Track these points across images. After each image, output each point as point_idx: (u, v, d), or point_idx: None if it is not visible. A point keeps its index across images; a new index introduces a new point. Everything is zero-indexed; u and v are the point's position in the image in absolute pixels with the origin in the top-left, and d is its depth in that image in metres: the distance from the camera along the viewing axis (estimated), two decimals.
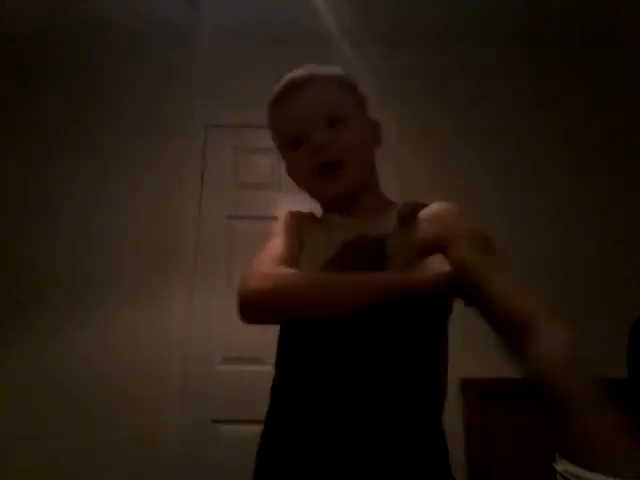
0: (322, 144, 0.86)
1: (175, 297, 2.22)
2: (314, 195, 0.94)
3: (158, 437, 2.01)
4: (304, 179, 0.92)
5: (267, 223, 1.07)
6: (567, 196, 2.38)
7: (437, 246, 0.82)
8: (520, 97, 2.54)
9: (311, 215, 0.99)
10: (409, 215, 0.86)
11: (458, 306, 0.93)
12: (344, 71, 0.96)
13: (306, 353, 0.78)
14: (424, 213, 0.87)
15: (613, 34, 2.52)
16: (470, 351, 2.13)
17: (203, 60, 2.55)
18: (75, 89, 2.60)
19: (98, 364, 2.13)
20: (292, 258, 0.86)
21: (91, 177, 2.44)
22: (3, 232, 2.35)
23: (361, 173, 0.91)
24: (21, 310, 2.22)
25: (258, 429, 0.85)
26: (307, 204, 1.04)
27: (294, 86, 0.91)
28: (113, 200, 2.40)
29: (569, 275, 2.25)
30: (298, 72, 0.93)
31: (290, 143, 0.91)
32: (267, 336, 2.35)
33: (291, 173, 0.96)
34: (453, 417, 2.04)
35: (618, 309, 2.10)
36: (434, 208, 0.88)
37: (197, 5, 2.39)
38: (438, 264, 0.81)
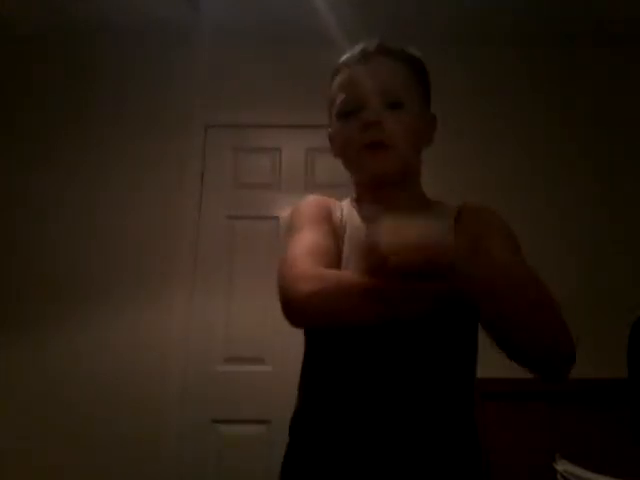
0: (375, 121, 0.82)
1: (175, 297, 2.22)
2: (355, 168, 0.89)
3: (158, 437, 2.01)
4: (348, 150, 0.87)
5: (267, 223, 1.06)
6: (567, 195, 2.38)
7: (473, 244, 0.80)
8: (520, 97, 2.54)
9: (345, 205, 0.92)
10: (459, 216, 0.87)
11: None
12: (422, 57, 0.94)
13: (351, 356, 0.77)
14: (472, 216, 0.89)
15: (613, 34, 2.52)
16: None
17: (203, 60, 2.55)
18: (75, 89, 2.60)
19: (98, 364, 2.13)
20: (330, 253, 0.80)
21: (91, 177, 2.44)
22: (3, 232, 2.35)
23: (405, 165, 0.87)
24: (21, 310, 2.22)
25: (258, 429, 0.86)
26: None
27: (364, 55, 0.88)
28: (113, 200, 2.40)
29: (569, 275, 2.25)
30: (374, 41, 0.89)
31: (344, 112, 0.87)
32: (267, 336, 2.36)
33: (335, 141, 0.91)
34: None
35: (618, 309, 2.10)
36: (472, 209, 0.90)
37: (197, 5, 2.39)
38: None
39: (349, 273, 0.75)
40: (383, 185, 0.87)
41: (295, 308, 0.73)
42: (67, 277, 2.27)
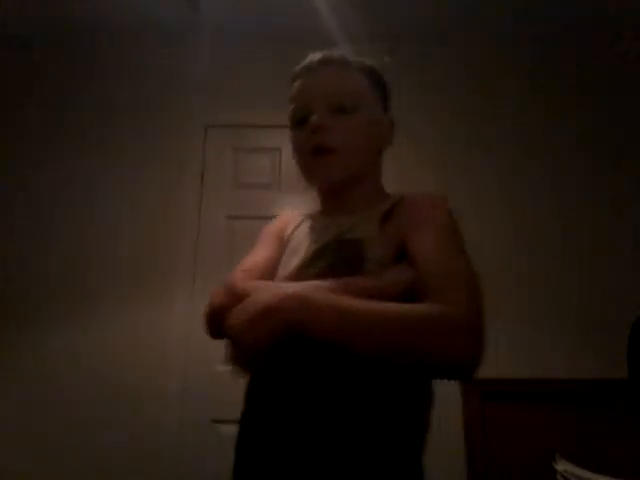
0: (319, 125, 0.83)
1: (175, 297, 2.22)
2: (307, 177, 0.91)
3: (158, 437, 2.01)
4: (299, 158, 0.89)
5: (267, 223, 1.06)
6: (567, 195, 2.38)
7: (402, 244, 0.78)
8: (520, 97, 2.54)
9: (300, 218, 0.97)
10: (390, 211, 0.84)
11: None
12: (375, 64, 0.96)
13: (274, 365, 0.78)
14: (407, 206, 0.85)
15: (613, 35, 2.52)
16: None
17: (203, 60, 2.55)
18: (75, 89, 2.60)
19: (98, 364, 2.13)
20: (266, 268, 0.86)
21: (91, 177, 2.44)
22: (3, 232, 2.36)
23: (354, 167, 0.87)
24: (21, 310, 2.22)
25: None
26: (307, 203, 1.03)
27: (312, 65, 0.91)
28: (113, 200, 2.40)
29: (569, 275, 2.25)
30: (322, 53, 0.92)
31: (296, 120, 0.89)
32: None
33: (293, 151, 0.93)
34: (453, 417, 2.04)
35: (618, 309, 2.10)
36: (409, 203, 0.86)
37: (197, 5, 2.39)
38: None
39: (259, 283, 0.80)
40: (332, 189, 0.90)
41: (206, 320, 0.83)
42: (67, 277, 2.27)
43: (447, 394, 2.08)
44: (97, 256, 2.30)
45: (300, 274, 0.80)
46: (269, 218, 1.07)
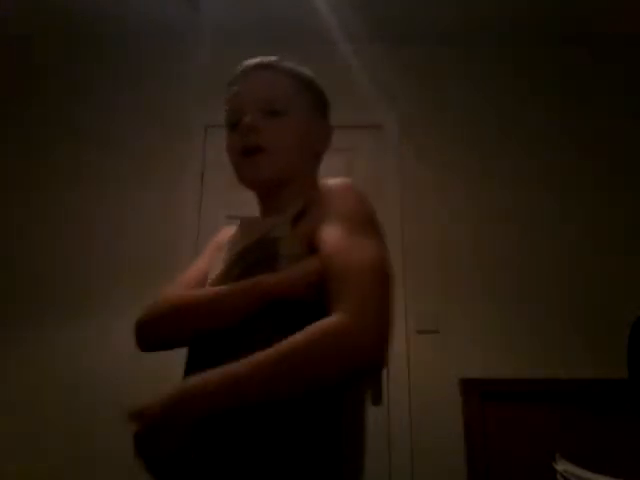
0: (248, 126, 0.84)
1: None
2: (238, 177, 0.91)
3: None
4: (231, 159, 0.90)
5: None
6: (566, 195, 2.38)
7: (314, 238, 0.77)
8: (520, 97, 2.54)
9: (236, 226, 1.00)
10: (307, 206, 0.82)
11: (460, 306, 0.93)
12: (310, 73, 0.95)
13: (193, 361, 0.80)
14: (320, 199, 0.82)
15: (613, 35, 2.52)
16: (470, 351, 2.14)
17: (203, 60, 2.55)
18: (75, 89, 2.60)
19: (99, 364, 2.13)
20: (196, 278, 0.90)
21: (91, 177, 2.44)
22: (4, 232, 2.36)
23: (283, 168, 0.86)
24: (22, 310, 2.22)
25: None
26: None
27: (246, 70, 0.93)
28: (113, 200, 2.40)
29: (569, 275, 2.25)
30: (258, 58, 0.95)
31: (230, 123, 0.90)
32: None
33: (227, 153, 0.93)
34: (453, 417, 2.04)
35: (618, 309, 2.10)
36: (322, 195, 0.82)
37: (197, 5, 2.39)
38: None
39: (172, 295, 0.87)
40: (262, 189, 0.91)
41: (135, 335, 0.89)
42: (67, 277, 2.27)
43: (447, 394, 2.08)
44: (97, 256, 2.30)
45: (223, 278, 0.82)
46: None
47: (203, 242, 2.45)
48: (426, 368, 2.11)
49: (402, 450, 2.01)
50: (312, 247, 0.76)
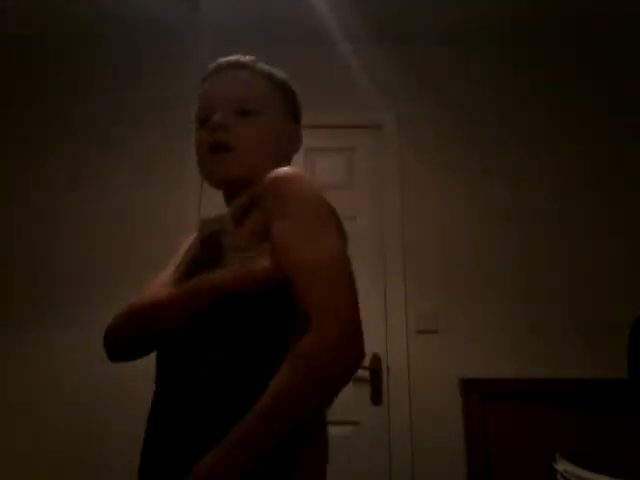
0: (218, 124, 0.84)
1: None
2: (204, 174, 0.91)
3: None
4: (198, 155, 0.91)
5: None
6: (567, 195, 2.38)
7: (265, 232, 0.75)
8: (520, 97, 2.54)
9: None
10: (253, 197, 0.81)
11: (460, 306, 0.93)
12: (285, 76, 0.95)
13: (159, 365, 0.80)
14: (263, 190, 0.79)
15: (613, 35, 2.52)
16: (470, 351, 2.14)
17: (203, 60, 2.55)
18: (75, 89, 2.60)
19: (99, 364, 2.12)
20: (163, 284, 0.87)
21: (91, 177, 2.44)
22: (4, 232, 2.36)
23: (250, 167, 0.84)
24: (23, 310, 2.22)
25: None
26: None
27: (220, 67, 0.93)
28: (113, 200, 2.40)
29: (569, 275, 2.25)
30: (233, 57, 0.94)
31: (200, 119, 0.90)
32: None
33: (195, 150, 0.93)
34: (453, 417, 2.04)
35: (618, 309, 2.10)
36: (266, 185, 0.78)
37: (197, 5, 2.39)
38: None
39: (136, 300, 0.85)
40: (228, 187, 0.89)
41: (104, 345, 0.86)
42: (67, 277, 2.27)
43: (447, 394, 2.08)
44: (98, 256, 2.30)
45: (175, 279, 0.83)
46: None
47: None
48: (426, 368, 2.11)
49: (402, 450, 2.01)
50: (263, 239, 0.75)
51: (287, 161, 0.93)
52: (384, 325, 2.17)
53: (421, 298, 2.20)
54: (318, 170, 2.41)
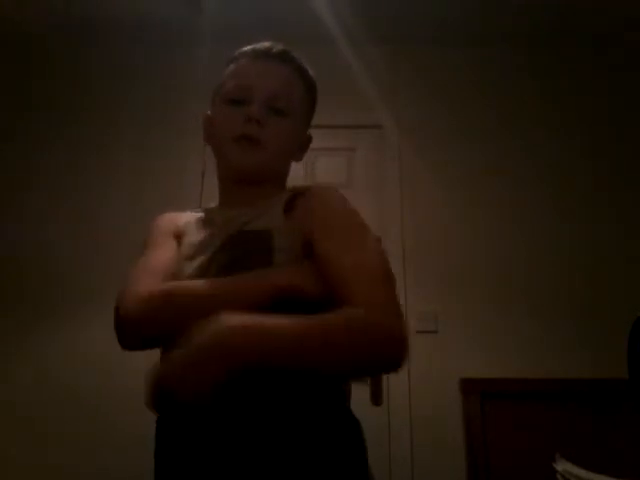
0: (258, 119, 0.84)
1: None
2: (222, 156, 0.90)
3: None
4: (223, 138, 0.87)
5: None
6: (567, 195, 2.38)
7: (308, 242, 0.77)
8: (520, 97, 2.54)
9: (191, 214, 0.95)
10: (292, 202, 0.83)
11: (460, 306, 0.93)
12: (315, 78, 0.96)
13: None
14: (308, 198, 0.83)
15: (613, 35, 2.52)
16: (470, 351, 2.14)
17: (203, 60, 2.55)
18: (75, 89, 2.60)
19: (99, 364, 2.13)
20: (168, 267, 0.82)
21: (91, 178, 2.44)
22: (4, 232, 2.36)
23: (271, 166, 0.88)
24: (23, 310, 2.22)
25: None
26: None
27: (268, 54, 0.90)
28: (114, 200, 2.40)
29: (569, 275, 2.25)
30: (280, 45, 0.92)
31: (230, 98, 0.88)
32: None
33: (214, 126, 0.91)
34: (453, 417, 2.04)
35: (618, 309, 2.10)
36: (312, 197, 0.83)
37: (197, 5, 2.39)
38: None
39: (174, 284, 0.77)
40: (241, 180, 0.88)
41: (122, 329, 0.75)
42: (67, 277, 2.27)
43: (447, 394, 2.08)
44: (98, 256, 2.30)
45: (205, 268, 0.79)
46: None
47: None
48: (426, 368, 2.11)
49: (402, 450, 2.01)
50: (306, 245, 0.77)
51: (291, 164, 0.95)
52: None
53: (421, 298, 2.20)
54: (318, 170, 2.41)
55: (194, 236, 0.86)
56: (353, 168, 2.44)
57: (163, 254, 0.85)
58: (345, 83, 2.44)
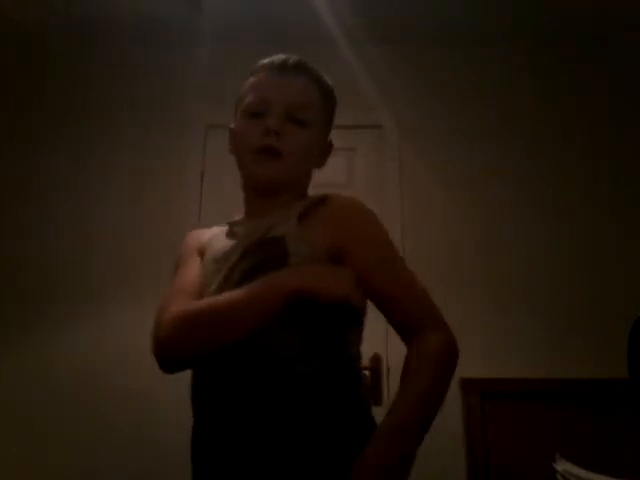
0: (277, 131, 0.86)
1: None
2: (244, 168, 0.92)
3: (159, 437, 2.01)
4: (243, 150, 0.91)
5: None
6: (567, 194, 2.38)
7: (337, 251, 0.82)
8: (520, 97, 2.54)
9: (216, 229, 0.99)
10: (310, 209, 0.86)
11: (460, 306, 0.94)
12: (332, 85, 0.99)
13: (216, 369, 0.77)
14: (332, 207, 0.86)
15: (613, 35, 2.52)
16: (470, 351, 2.13)
17: (203, 60, 2.55)
18: (75, 89, 2.60)
19: (99, 364, 2.13)
20: (195, 285, 0.86)
21: (91, 178, 2.44)
22: (4, 232, 2.36)
23: (292, 176, 0.91)
24: (22, 311, 2.22)
25: None
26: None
27: (284, 66, 0.92)
28: (113, 200, 2.40)
29: (569, 275, 2.25)
30: (295, 57, 0.95)
31: (250, 111, 0.91)
32: None
33: (234, 138, 0.95)
34: (453, 417, 2.04)
35: (618, 309, 2.10)
36: (337, 206, 0.87)
37: (197, 5, 2.39)
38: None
39: (201, 302, 0.80)
40: (262, 191, 0.91)
41: (161, 353, 0.79)
42: (68, 277, 2.27)
43: (447, 394, 2.08)
44: (97, 257, 2.30)
45: (227, 279, 0.82)
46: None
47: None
48: None
49: None
50: (335, 254, 0.81)
51: (311, 172, 0.99)
52: (384, 325, 2.17)
53: None
54: (318, 170, 2.41)
55: (217, 249, 0.89)
56: (353, 168, 2.44)
57: (190, 273, 0.89)
58: (345, 83, 2.42)
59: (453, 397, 2.06)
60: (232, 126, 0.99)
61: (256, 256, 0.81)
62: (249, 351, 0.75)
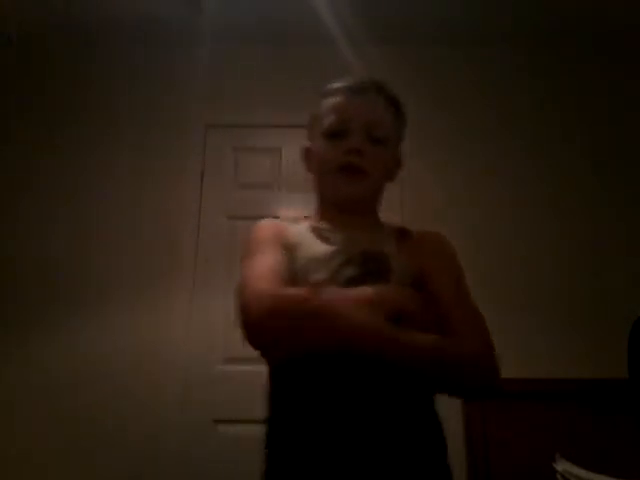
0: (360, 150, 0.92)
1: (175, 297, 2.22)
2: (327, 186, 0.98)
3: (159, 437, 2.01)
4: (326, 170, 0.96)
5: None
6: (567, 195, 2.38)
7: (422, 278, 0.89)
8: (520, 97, 2.54)
9: (297, 227, 0.99)
10: (404, 236, 0.97)
11: None
12: (401, 101, 1.05)
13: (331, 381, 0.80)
14: (422, 239, 0.97)
15: (613, 35, 2.52)
16: None
17: (203, 60, 2.55)
18: (75, 89, 2.60)
19: (99, 364, 2.13)
20: (281, 272, 0.86)
21: (91, 178, 2.44)
22: (4, 232, 2.36)
23: (372, 192, 0.98)
24: (22, 311, 2.22)
25: (258, 429, 0.86)
26: (307, 204, 1.03)
27: (363, 88, 0.98)
28: (113, 200, 2.40)
29: (570, 275, 2.25)
30: (372, 78, 1.01)
31: (330, 132, 0.95)
32: None
33: (314, 157, 1.00)
34: (453, 417, 2.03)
35: (618, 309, 2.10)
36: (428, 238, 0.98)
37: (197, 5, 2.39)
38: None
39: (304, 290, 0.81)
40: (346, 207, 0.97)
41: (255, 327, 0.77)
42: (68, 277, 2.27)
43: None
44: (97, 257, 2.30)
45: (332, 280, 0.86)
46: (269, 218, 1.07)
47: (203, 242, 2.46)
48: None
49: None
50: (417, 275, 0.89)
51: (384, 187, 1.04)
52: None
53: None
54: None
55: (314, 249, 0.91)
56: None
57: (274, 260, 0.88)
58: None
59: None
60: (307, 145, 1.04)
61: (362, 265, 0.87)
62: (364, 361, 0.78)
